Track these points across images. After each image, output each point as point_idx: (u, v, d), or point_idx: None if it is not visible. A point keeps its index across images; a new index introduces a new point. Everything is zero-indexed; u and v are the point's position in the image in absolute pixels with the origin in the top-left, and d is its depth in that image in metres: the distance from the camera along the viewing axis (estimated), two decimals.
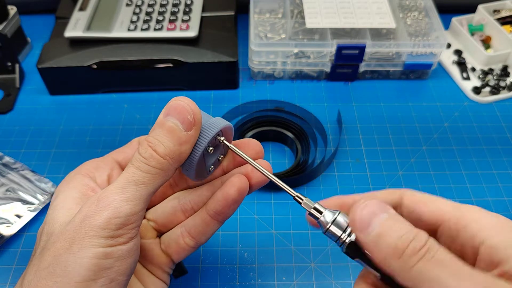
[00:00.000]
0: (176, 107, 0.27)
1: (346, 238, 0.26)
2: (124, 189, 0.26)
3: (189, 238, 0.32)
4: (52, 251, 0.25)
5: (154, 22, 0.59)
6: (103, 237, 0.25)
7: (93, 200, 0.26)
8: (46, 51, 0.58)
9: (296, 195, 0.28)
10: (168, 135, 0.26)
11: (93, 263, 0.24)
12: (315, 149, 0.53)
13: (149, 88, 0.61)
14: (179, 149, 0.27)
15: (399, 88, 0.62)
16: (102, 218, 0.25)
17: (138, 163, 0.26)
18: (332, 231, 0.26)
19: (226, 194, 0.30)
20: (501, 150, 0.54)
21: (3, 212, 0.46)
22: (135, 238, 0.27)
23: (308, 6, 0.63)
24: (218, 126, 0.28)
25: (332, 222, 0.26)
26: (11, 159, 0.52)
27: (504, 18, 0.65)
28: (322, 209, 0.27)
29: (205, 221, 0.31)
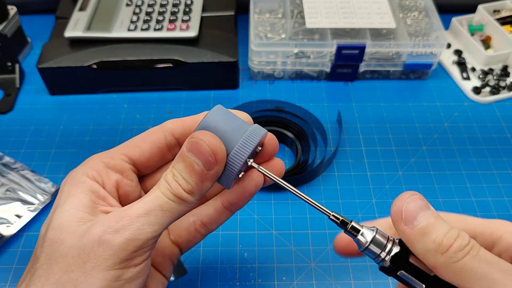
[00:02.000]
0: (196, 146, 0.26)
1: (386, 256, 0.26)
2: (149, 212, 0.25)
3: (201, 226, 0.32)
4: (63, 266, 0.24)
5: (154, 22, 0.59)
6: (119, 258, 0.24)
7: (114, 216, 0.25)
8: (46, 51, 0.58)
9: (332, 214, 0.27)
10: (190, 173, 0.26)
11: (104, 285, 0.24)
12: (315, 149, 0.53)
13: (149, 88, 0.61)
14: (201, 186, 0.26)
15: (399, 88, 0.62)
16: (122, 238, 0.24)
17: (165, 190, 0.26)
18: (371, 250, 0.26)
19: (244, 188, 0.30)
20: (501, 150, 0.54)
21: (3, 212, 0.46)
22: (147, 260, 0.26)
23: (308, 6, 0.63)
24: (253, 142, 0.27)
25: (371, 240, 0.26)
26: (11, 159, 0.52)
27: (504, 18, 0.65)
28: (358, 227, 0.27)
29: (218, 210, 0.32)
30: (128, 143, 0.30)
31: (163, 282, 0.32)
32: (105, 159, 0.29)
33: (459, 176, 0.51)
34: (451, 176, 0.51)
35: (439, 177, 0.51)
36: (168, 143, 0.30)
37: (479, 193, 0.50)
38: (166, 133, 0.30)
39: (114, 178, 0.29)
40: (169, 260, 0.32)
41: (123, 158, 0.29)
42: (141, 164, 0.30)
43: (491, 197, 0.49)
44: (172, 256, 0.32)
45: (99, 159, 0.29)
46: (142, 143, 0.30)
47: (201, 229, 0.32)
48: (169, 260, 0.32)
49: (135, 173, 0.30)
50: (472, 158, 0.53)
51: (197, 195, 0.27)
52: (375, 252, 0.26)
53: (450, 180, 0.51)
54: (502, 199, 0.49)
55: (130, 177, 0.30)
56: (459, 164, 0.52)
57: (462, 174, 0.51)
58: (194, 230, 0.32)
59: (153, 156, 0.30)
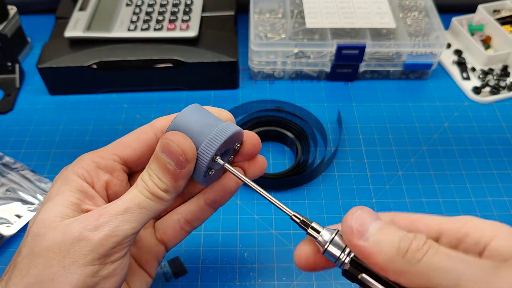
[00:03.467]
0: (167, 147, 0.27)
1: (346, 258, 0.25)
2: (127, 210, 0.26)
3: (185, 224, 0.33)
4: (44, 260, 0.25)
5: (154, 22, 0.59)
6: (97, 254, 0.25)
7: (94, 214, 0.26)
8: (46, 51, 0.58)
9: (293, 214, 0.28)
10: (164, 172, 0.27)
11: (81, 280, 0.25)
12: (315, 149, 0.53)
13: (149, 88, 0.61)
14: (174, 184, 0.28)
15: (399, 88, 0.62)
16: (101, 234, 0.25)
17: (142, 189, 0.27)
18: (331, 252, 0.25)
19: (225, 186, 0.31)
20: (501, 150, 0.54)
21: (3, 212, 0.46)
22: (125, 257, 0.27)
23: (308, 6, 0.63)
24: (219, 140, 0.27)
25: (330, 241, 0.25)
26: (11, 159, 0.52)
27: (504, 18, 0.65)
28: (319, 228, 0.26)
29: (201, 208, 0.33)
30: (119, 142, 0.30)
31: (147, 281, 0.33)
32: (96, 159, 0.29)
33: (459, 176, 0.51)
34: (451, 176, 0.51)
35: (439, 177, 0.51)
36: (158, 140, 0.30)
37: (479, 193, 0.50)
38: (156, 131, 0.30)
39: (104, 179, 0.29)
40: (155, 258, 0.33)
41: (114, 158, 0.30)
42: (132, 162, 0.31)
43: (491, 197, 0.49)
44: (158, 254, 0.33)
45: (90, 158, 0.29)
46: (133, 143, 0.30)
47: (185, 226, 0.33)
48: (155, 258, 0.33)
49: (125, 172, 0.31)
50: (472, 158, 0.53)
51: (173, 193, 0.28)
52: (335, 254, 0.25)
53: (450, 180, 0.51)
54: (502, 199, 0.49)
55: (120, 177, 0.30)
56: (459, 164, 0.52)
57: (462, 174, 0.51)
58: (179, 228, 0.33)
59: (144, 155, 0.30)
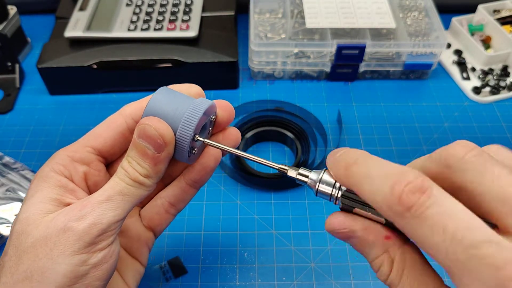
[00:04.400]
0: (144, 132, 0.27)
1: (338, 193, 0.25)
2: (110, 198, 0.26)
3: (169, 207, 0.33)
4: (32, 255, 0.25)
5: (154, 22, 0.59)
6: (84, 243, 0.25)
7: (77, 205, 0.26)
8: (46, 51, 0.58)
9: (279, 167, 0.28)
10: (143, 157, 0.27)
11: (70, 269, 0.25)
12: (315, 149, 0.53)
13: (149, 88, 0.61)
14: (155, 169, 0.28)
15: (399, 88, 0.62)
16: (85, 223, 0.25)
17: (123, 176, 0.27)
18: (322, 190, 0.26)
19: (204, 165, 0.31)
20: None
21: (3, 212, 0.46)
22: (112, 244, 0.27)
23: (308, 6, 0.63)
24: (195, 118, 0.28)
25: (319, 180, 0.26)
26: (11, 159, 0.52)
27: (504, 18, 0.65)
28: (307, 173, 0.27)
29: (183, 189, 0.33)
30: (90, 134, 0.31)
31: (139, 270, 0.33)
32: (70, 153, 0.29)
33: None
34: None
35: None
36: (129, 127, 0.31)
37: None
38: (126, 119, 0.31)
39: (82, 170, 0.29)
40: (146, 246, 0.33)
41: (88, 150, 0.30)
42: (106, 152, 0.31)
43: None
44: (147, 241, 0.33)
45: (64, 153, 0.29)
46: (103, 132, 0.30)
47: (170, 210, 0.33)
48: (145, 246, 0.33)
49: (102, 162, 0.31)
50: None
51: (154, 178, 0.28)
52: (327, 192, 0.26)
53: None
54: None
55: (97, 167, 0.30)
56: None
57: None
58: (164, 212, 0.33)
59: (117, 143, 0.31)
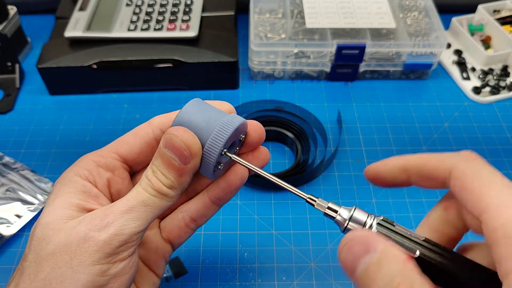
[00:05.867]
0: (171, 142, 0.27)
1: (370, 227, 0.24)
2: (132, 208, 0.26)
3: (190, 222, 0.33)
4: (51, 263, 0.25)
5: (154, 22, 0.59)
6: (104, 253, 0.25)
7: (99, 213, 0.26)
8: (46, 51, 0.58)
9: (308, 197, 0.27)
10: (168, 168, 0.27)
11: (89, 279, 0.24)
12: (315, 149, 0.53)
13: (149, 88, 0.61)
14: (180, 180, 0.27)
15: (399, 88, 0.62)
16: (107, 233, 0.25)
17: (146, 186, 0.27)
18: (351, 229, 0.25)
19: (230, 183, 0.31)
20: (501, 150, 0.54)
21: (3, 212, 0.46)
22: (133, 255, 0.27)
23: (308, 6, 0.63)
24: (227, 133, 0.27)
25: (350, 219, 0.25)
26: (11, 159, 0.52)
27: (504, 18, 0.65)
28: (336, 208, 0.26)
29: (206, 205, 0.32)
30: (118, 141, 0.30)
31: (154, 282, 0.32)
32: (96, 158, 0.29)
33: None
34: None
35: None
36: (156, 137, 0.30)
37: None
38: (154, 128, 0.30)
39: (106, 177, 0.29)
40: (163, 258, 0.33)
41: (114, 156, 0.30)
42: (131, 160, 0.30)
43: None
44: (165, 254, 0.33)
45: (90, 158, 0.29)
46: (130, 140, 0.30)
47: (190, 224, 0.33)
48: (162, 258, 0.33)
49: (126, 170, 0.31)
50: None
51: (178, 189, 0.28)
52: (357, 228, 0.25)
53: None
54: None
55: (121, 175, 0.30)
56: None
57: None
58: (185, 226, 0.33)
59: (143, 152, 0.30)
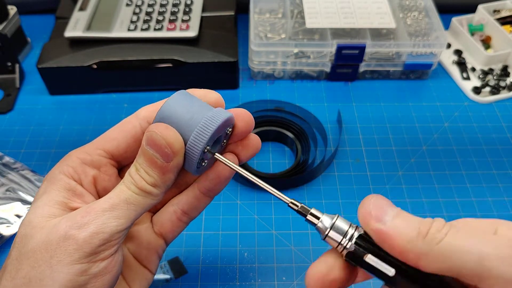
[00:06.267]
0: (152, 140, 0.26)
1: (348, 243, 0.24)
2: (114, 206, 0.26)
3: (182, 215, 0.32)
4: (32, 261, 0.24)
5: (154, 22, 0.59)
6: (84, 252, 0.24)
7: (80, 212, 0.25)
8: (46, 51, 0.58)
9: (290, 201, 0.27)
10: (150, 165, 0.26)
11: (68, 279, 0.24)
12: (315, 149, 0.53)
13: (149, 88, 0.61)
14: (163, 178, 0.27)
15: (399, 88, 0.62)
16: (87, 232, 0.24)
17: (129, 184, 0.26)
18: (332, 237, 0.25)
19: (219, 174, 0.30)
20: (501, 150, 0.54)
21: (3, 212, 0.46)
22: (115, 254, 0.26)
23: (308, 6, 0.63)
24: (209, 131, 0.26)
25: (331, 227, 0.25)
26: (11, 159, 0.52)
27: (504, 18, 0.65)
28: (319, 215, 0.26)
29: (197, 197, 0.32)
30: (103, 137, 0.29)
31: (147, 278, 0.32)
32: (81, 155, 0.29)
33: (459, 176, 0.51)
34: (451, 176, 0.51)
35: (439, 177, 0.51)
36: (143, 131, 0.29)
37: (479, 193, 0.50)
38: (141, 122, 0.30)
39: (91, 174, 0.28)
40: (155, 253, 0.32)
41: (100, 153, 0.29)
42: (119, 156, 0.30)
43: (491, 197, 0.49)
44: (157, 249, 0.32)
45: (75, 155, 0.29)
46: (117, 135, 0.29)
47: (183, 218, 0.32)
48: (155, 254, 0.32)
49: (114, 166, 0.30)
50: (472, 158, 0.53)
51: (162, 187, 0.27)
52: (336, 240, 0.25)
53: (450, 180, 0.51)
54: (502, 199, 0.49)
55: (108, 172, 0.29)
56: (459, 164, 0.52)
57: (462, 174, 0.51)
58: (177, 220, 0.32)
59: (130, 147, 0.29)
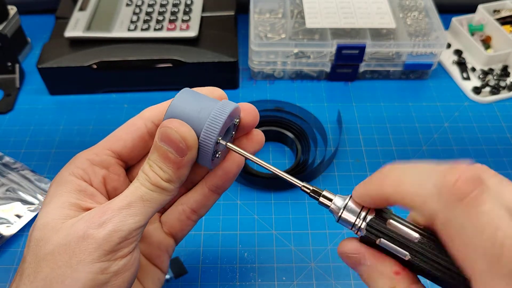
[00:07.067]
0: (166, 135, 0.26)
1: (361, 223, 0.24)
2: (130, 204, 0.26)
3: (191, 213, 0.32)
4: (51, 263, 0.24)
5: (154, 22, 0.59)
6: (104, 251, 0.25)
7: (97, 211, 0.26)
8: (46, 51, 0.58)
9: (302, 185, 0.27)
10: (164, 161, 0.27)
11: (90, 278, 0.24)
12: (315, 149, 0.53)
13: (149, 88, 0.61)
14: (178, 173, 0.27)
15: (399, 88, 0.62)
16: (105, 230, 0.25)
17: (143, 181, 0.27)
18: (345, 218, 0.25)
19: (227, 170, 0.31)
20: (501, 150, 0.54)
21: (3, 212, 0.46)
22: (133, 252, 0.26)
23: (308, 6, 0.63)
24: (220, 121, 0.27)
25: (344, 207, 0.25)
26: (11, 159, 0.52)
27: (504, 18, 0.65)
28: (331, 196, 0.26)
29: (205, 195, 0.32)
30: (110, 137, 0.30)
31: (159, 277, 0.32)
32: (90, 156, 0.29)
33: None
34: None
35: None
36: (149, 131, 0.30)
37: None
38: (146, 122, 0.30)
39: (101, 174, 0.29)
40: (166, 253, 0.33)
41: (108, 153, 0.29)
42: (126, 155, 0.30)
43: None
44: (168, 248, 0.33)
45: (84, 156, 0.29)
46: (123, 135, 0.30)
47: (192, 216, 0.32)
48: (165, 253, 0.33)
49: (121, 166, 0.30)
50: (472, 158, 0.53)
51: (176, 182, 0.27)
52: (350, 220, 0.25)
53: None
54: None
55: (116, 171, 0.30)
56: None
57: None
58: (186, 218, 0.32)
59: (137, 146, 0.30)
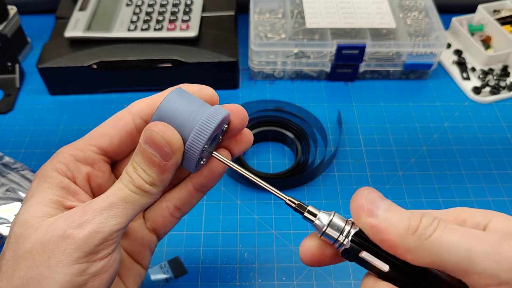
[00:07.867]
0: (151, 139, 0.26)
1: (344, 239, 0.25)
2: (112, 205, 0.25)
3: (175, 210, 0.32)
4: (29, 261, 0.24)
5: (154, 22, 0.59)
6: (83, 252, 0.24)
7: (77, 211, 0.25)
8: (46, 51, 0.58)
9: (288, 199, 0.27)
10: (149, 165, 0.26)
11: (67, 279, 0.24)
12: (315, 149, 0.53)
13: (149, 88, 0.61)
14: (161, 177, 0.27)
15: (399, 88, 0.62)
16: (85, 231, 0.24)
17: (127, 182, 0.26)
18: (329, 234, 0.25)
19: (212, 170, 0.30)
20: (501, 150, 0.54)
21: (3, 212, 0.46)
22: (113, 253, 0.26)
23: (308, 6, 0.63)
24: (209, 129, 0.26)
25: (329, 224, 0.25)
26: (11, 159, 0.52)
27: (504, 18, 0.65)
28: (316, 212, 0.26)
29: (190, 193, 0.32)
30: (96, 132, 0.29)
31: (140, 273, 0.32)
32: (73, 152, 0.28)
33: (459, 176, 0.51)
34: (451, 176, 0.51)
35: (439, 177, 0.51)
36: (137, 126, 0.29)
37: (479, 193, 0.50)
38: (134, 117, 0.29)
39: (85, 171, 0.28)
40: (148, 249, 0.32)
41: (93, 149, 0.29)
42: (112, 152, 0.29)
43: (491, 197, 0.49)
44: (150, 244, 0.32)
45: (67, 151, 0.28)
46: (110, 131, 0.29)
47: (175, 213, 0.32)
48: (147, 249, 0.32)
49: (107, 163, 0.30)
50: (472, 158, 0.53)
51: (159, 186, 0.27)
52: (333, 236, 0.25)
53: (450, 180, 0.51)
54: (502, 199, 0.49)
55: (101, 168, 0.29)
56: (459, 164, 0.52)
57: (462, 174, 0.51)
58: (169, 215, 0.32)
59: (123, 143, 0.29)
